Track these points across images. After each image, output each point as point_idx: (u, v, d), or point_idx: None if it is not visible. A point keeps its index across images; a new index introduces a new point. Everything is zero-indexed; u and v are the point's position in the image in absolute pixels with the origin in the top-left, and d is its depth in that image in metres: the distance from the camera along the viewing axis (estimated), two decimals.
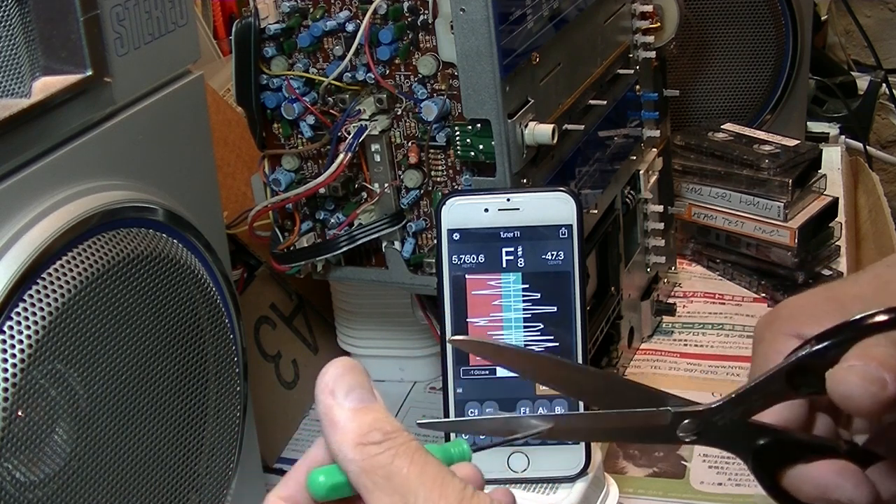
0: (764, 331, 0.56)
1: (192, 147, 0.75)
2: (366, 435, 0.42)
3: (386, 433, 0.43)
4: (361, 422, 0.43)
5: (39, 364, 0.59)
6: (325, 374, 0.44)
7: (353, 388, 0.43)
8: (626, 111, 1.02)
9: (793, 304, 0.56)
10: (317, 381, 0.44)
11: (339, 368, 0.44)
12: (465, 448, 0.46)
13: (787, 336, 0.54)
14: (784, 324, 0.55)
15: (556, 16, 0.84)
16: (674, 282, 1.19)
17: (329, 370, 0.44)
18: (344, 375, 0.44)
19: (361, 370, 0.44)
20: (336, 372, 0.44)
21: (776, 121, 1.35)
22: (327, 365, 0.44)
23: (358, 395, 0.43)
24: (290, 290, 1.07)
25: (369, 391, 0.44)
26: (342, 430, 0.43)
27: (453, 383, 0.72)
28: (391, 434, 0.43)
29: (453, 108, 0.80)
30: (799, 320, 0.55)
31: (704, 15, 1.33)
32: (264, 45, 0.83)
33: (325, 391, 0.43)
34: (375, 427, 0.43)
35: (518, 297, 0.72)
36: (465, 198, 0.74)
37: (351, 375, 0.44)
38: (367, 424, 0.43)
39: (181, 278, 0.70)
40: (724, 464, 0.93)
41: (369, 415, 0.43)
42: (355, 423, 0.43)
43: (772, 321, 0.56)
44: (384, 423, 0.43)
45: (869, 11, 2.12)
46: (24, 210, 0.61)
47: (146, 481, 0.68)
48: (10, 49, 0.62)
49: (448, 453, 0.46)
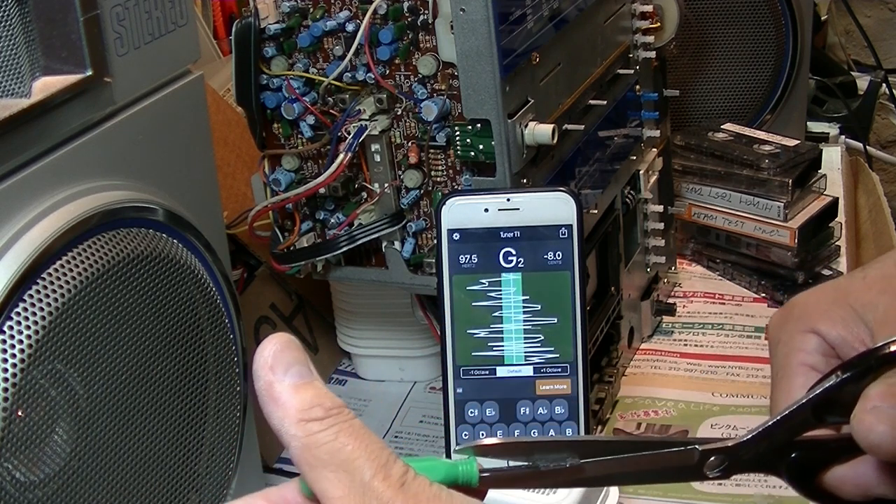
0: (779, 332, 0.56)
1: (192, 147, 0.75)
2: (307, 411, 0.42)
3: (327, 409, 0.42)
4: (303, 397, 0.42)
5: (39, 364, 0.59)
6: (264, 350, 0.43)
7: (292, 363, 0.43)
8: (626, 111, 1.02)
9: (803, 302, 0.56)
10: (254, 357, 0.43)
11: (278, 344, 0.43)
12: (473, 472, 0.45)
13: (803, 333, 0.54)
14: (798, 322, 0.55)
15: (556, 16, 0.84)
16: (674, 282, 1.19)
17: (267, 346, 0.43)
18: (283, 351, 0.43)
19: (299, 346, 0.44)
20: (274, 348, 0.43)
21: (776, 121, 1.35)
22: (264, 341, 0.43)
23: (297, 371, 0.43)
24: (290, 290, 1.07)
25: (308, 368, 0.43)
26: (283, 405, 0.42)
27: (453, 383, 0.72)
28: (332, 410, 0.42)
29: (453, 108, 0.80)
30: (812, 317, 0.55)
31: (704, 15, 1.32)
32: (264, 45, 0.83)
33: (264, 367, 0.43)
34: (317, 403, 0.42)
35: (517, 298, 0.72)
36: (465, 198, 0.74)
37: (290, 352, 0.43)
38: (308, 400, 0.42)
39: (181, 278, 0.70)
40: None
41: (310, 391, 0.42)
42: (297, 399, 0.42)
43: (785, 321, 0.56)
44: (325, 399, 0.42)
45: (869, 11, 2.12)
46: (24, 210, 0.61)
47: (146, 481, 0.68)
48: (10, 49, 0.62)
49: (454, 471, 0.44)
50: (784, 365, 0.55)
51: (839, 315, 0.54)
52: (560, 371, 0.72)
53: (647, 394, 1.02)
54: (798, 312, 0.56)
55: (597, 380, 0.97)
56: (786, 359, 0.55)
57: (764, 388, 1.02)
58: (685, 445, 0.48)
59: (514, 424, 0.72)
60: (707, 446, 0.49)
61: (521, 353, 0.72)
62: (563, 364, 0.72)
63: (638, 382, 1.04)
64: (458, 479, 0.44)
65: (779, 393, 0.56)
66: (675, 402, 1.01)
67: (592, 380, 0.96)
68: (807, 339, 0.54)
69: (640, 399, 1.02)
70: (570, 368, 0.72)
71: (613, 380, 0.99)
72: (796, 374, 0.55)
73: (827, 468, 0.50)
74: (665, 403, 1.01)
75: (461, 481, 0.44)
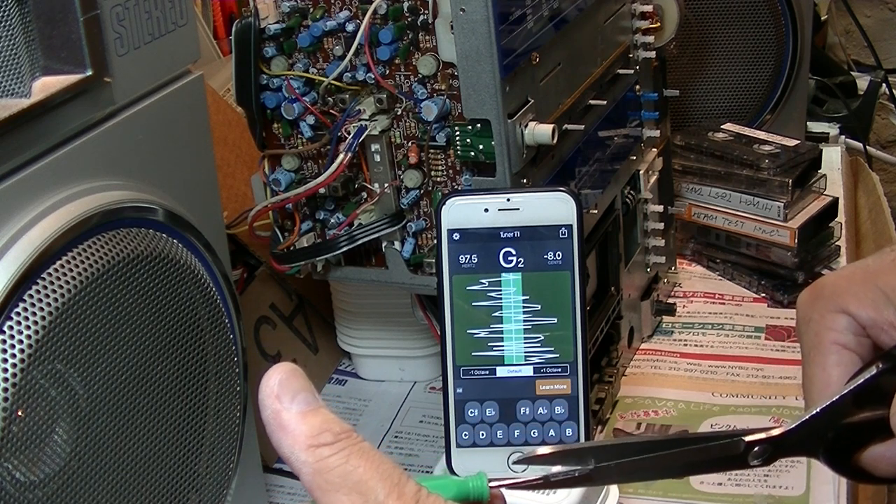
0: (810, 311, 0.57)
1: (192, 147, 0.75)
2: (317, 437, 0.42)
3: (336, 434, 0.42)
4: (311, 424, 0.42)
5: (39, 364, 0.59)
6: (270, 380, 0.43)
7: (298, 391, 0.43)
8: (626, 111, 1.02)
9: (833, 282, 0.57)
10: (260, 387, 0.43)
11: (283, 373, 0.43)
12: (484, 487, 0.45)
13: (834, 313, 0.55)
14: (828, 301, 0.56)
15: (556, 16, 0.84)
16: (674, 282, 1.19)
17: (273, 375, 0.43)
18: (288, 380, 0.43)
19: (303, 374, 0.44)
20: (280, 377, 0.43)
21: (776, 121, 1.35)
22: (269, 370, 0.44)
23: (304, 398, 0.43)
24: (290, 290, 1.07)
25: (314, 394, 0.43)
26: (292, 433, 0.42)
27: (453, 383, 0.72)
28: (342, 435, 0.42)
29: (453, 108, 0.80)
30: (843, 298, 0.56)
31: (704, 15, 1.32)
32: (264, 45, 0.83)
33: (270, 396, 0.43)
34: (325, 428, 0.42)
35: (517, 298, 0.72)
36: (465, 198, 0.74)
37: (295, 380, 0.43)
38: (316, 426, 0.42)
39: (181, 278, 0.70)
40: None
41: (318, 417, 0.43)
42: (305, 426, 0.42)
43: (815, 299, 0.57)
44: (333, 425, 0.43)
45: (869, 11, 2.12)
46: (24, 210, 0.61)
47: (146, 481, 0.68)
48: (10, 49, 0.62)
49: (465, 487, 0.45)
50: (816, 343, 0.56)
51: (869, 297, 0.55)
52: (560, 371, 0.72)
53: (647, 394, 1.02)
54: (828, 292, 0.57)
55: (597, 380, 0.97)
56: (817, 336, 0.56)
57: (764, 388, 1.02)
58: (731, 437, 0.50)
59: (514, 424, 0.72)
60: (752, 437, 0.50)
61: (521, 353, 0.72)
62: (563, 364, 0.72)
63: (638, 382, 1.04)
64: (470, 496, 0.45)
65: (812, 369, 0.57)
66: (675, 402, 1.01)
67: (592, 380, 0.96)
68: (838, 319, 0.55)
69: (640, 399, 1.02)
70: (570, 368, 0.72)
71: (613, 380, 0.99)
72: (829, 353, 0.56)
73: (863, 448, 0.52)
74: (665, 403, 1.01)
75: (472, 497, 0.45)
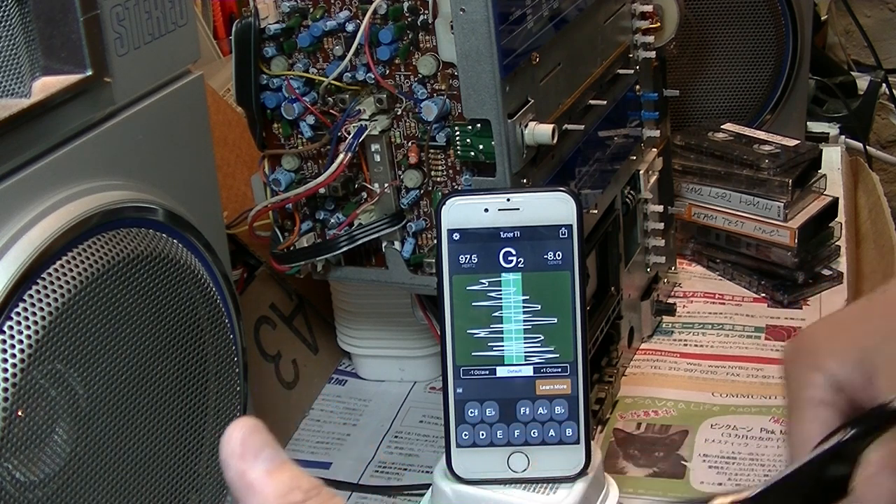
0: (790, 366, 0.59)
1: (192, 147, 0.75)
2: (286, 496, 0.40)
3: (306, 491, 0.41)
4: (279, 482, 0.40)
5: (39, 364, 0.59)
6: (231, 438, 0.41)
7: (262, 448, 0.41)
8: (626, 111, 1.02)
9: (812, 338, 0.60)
10: (221, 446, 0.41)
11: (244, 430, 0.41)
12: None
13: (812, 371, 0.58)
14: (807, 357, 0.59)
15: (556, 16, 0.84)
16: (674, 282, 1.19)
17: (234, 434, 0.41)
18: (251, 437, 0.41)
19: (264, 428, 0.42)
20: (240, 435, 0.41)
21: (776, 121, 1.35)
22: (228, 429, 0.41)
23: (268, 455, 0.41)
24: (290, 290, 1.07)
25: (278, 450, 0.41)
26: (261, 493, 0.40)
27: (453, 383, 0.72)
28: (311, 491, 0.41)
29: (453, 108, 0.80)
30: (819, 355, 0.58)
31: (704, 15, 1.32)
32: (264, 45, 0.83)
33: (233, 456, 0.41)
34: (294, 486, 0.41)
35: (517, 298, 0.72)
36: (465, 198, 0.74)
37: (258, 435, 0.41)
38: (284, 484, 0.40)
39: (181, 278, 0.70)
40: (724, 464, 0.93)
41: (285, 473, 0.41)
42: (273, 485, 0.40)
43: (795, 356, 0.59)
44: (302, 481, 0.41)
45: (869, 11, 2.12)
46: (24, 210, 0.61)
47: (146, 481, 0.68)
48: (10, 49, 0.62)
49: None
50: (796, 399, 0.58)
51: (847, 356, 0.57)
52: (560, 371, 0.72)
53: (647, 394, 1.02)
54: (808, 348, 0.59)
55: (597, 380, 0.97)
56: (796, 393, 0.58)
57: (764, 388, 1.02)
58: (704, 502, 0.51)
59: (514, 424, 0.72)
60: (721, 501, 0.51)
61: (521, 353, 0.72)
62: (563, 364, 0.72)
63: (638, 382, 1.04)
64: None
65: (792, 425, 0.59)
66: (675, 402, 1.01)
67: (592, 380, 0.96)
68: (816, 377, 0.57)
69: (640, 399, 1.02)
70: (570, 368, 0.72)
71: (613, 380, 0.99)
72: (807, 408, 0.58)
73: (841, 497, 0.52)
74: (665, 403, 1.01)
75: None
